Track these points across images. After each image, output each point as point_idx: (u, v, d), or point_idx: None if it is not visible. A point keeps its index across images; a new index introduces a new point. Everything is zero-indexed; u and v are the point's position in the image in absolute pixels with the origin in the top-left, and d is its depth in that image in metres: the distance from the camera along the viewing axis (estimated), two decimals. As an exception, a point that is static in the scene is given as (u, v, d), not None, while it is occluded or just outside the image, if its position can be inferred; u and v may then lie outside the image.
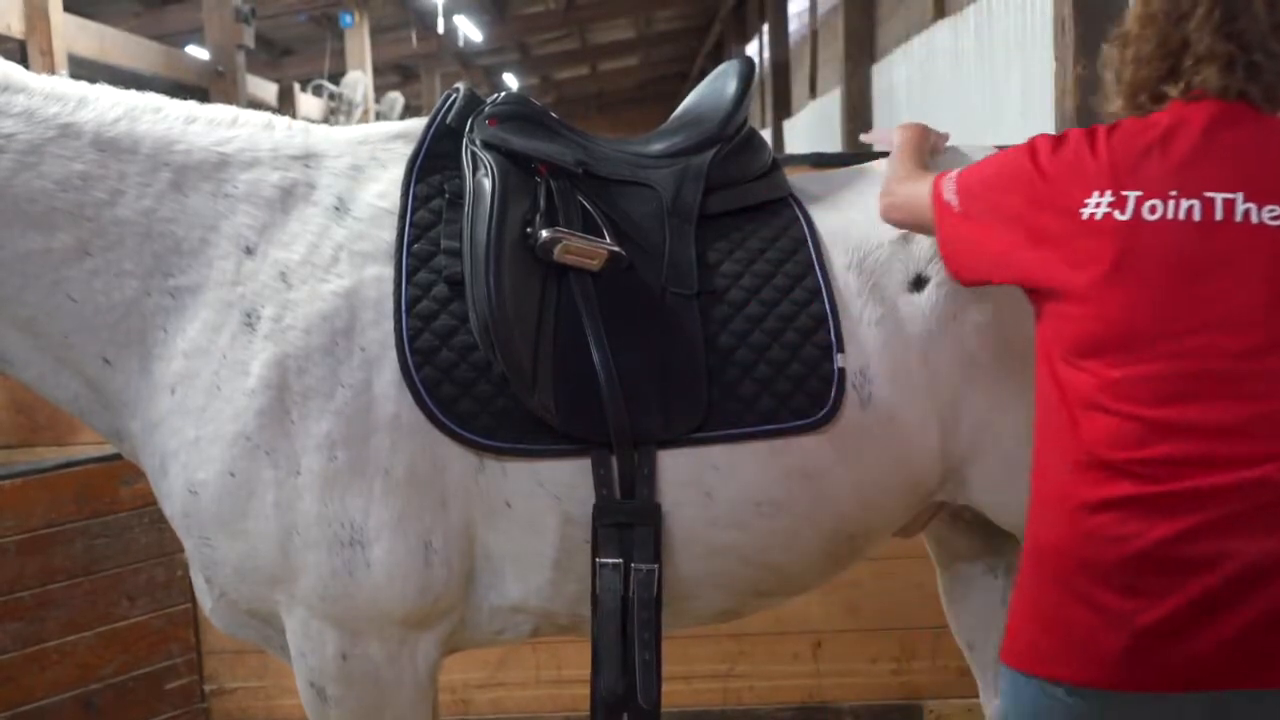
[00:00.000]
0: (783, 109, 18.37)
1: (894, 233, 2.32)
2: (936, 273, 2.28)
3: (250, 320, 2.12)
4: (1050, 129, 4.12)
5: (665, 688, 2.18)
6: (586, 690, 2.18)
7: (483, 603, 2.22)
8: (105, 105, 2.19)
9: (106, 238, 2.13)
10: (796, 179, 2.52)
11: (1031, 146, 1.91)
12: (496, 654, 3.80)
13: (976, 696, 2.94)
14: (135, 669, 3.71)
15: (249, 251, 2.16)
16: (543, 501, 2.15)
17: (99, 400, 2.21)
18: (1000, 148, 2.79)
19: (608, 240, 2.20)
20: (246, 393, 2.09)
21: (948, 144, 2.51)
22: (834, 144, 11.54)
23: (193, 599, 3.60)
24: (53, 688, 3.55)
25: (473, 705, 3.88)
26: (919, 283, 2.29)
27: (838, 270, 2.30)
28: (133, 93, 2.26)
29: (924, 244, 2.31)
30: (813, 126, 14.93)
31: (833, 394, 2.20)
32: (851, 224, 2.36)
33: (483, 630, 2.26)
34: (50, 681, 3.54)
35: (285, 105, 13.37)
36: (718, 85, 2.47)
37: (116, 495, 3.66)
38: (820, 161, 3.59)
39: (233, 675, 3.91)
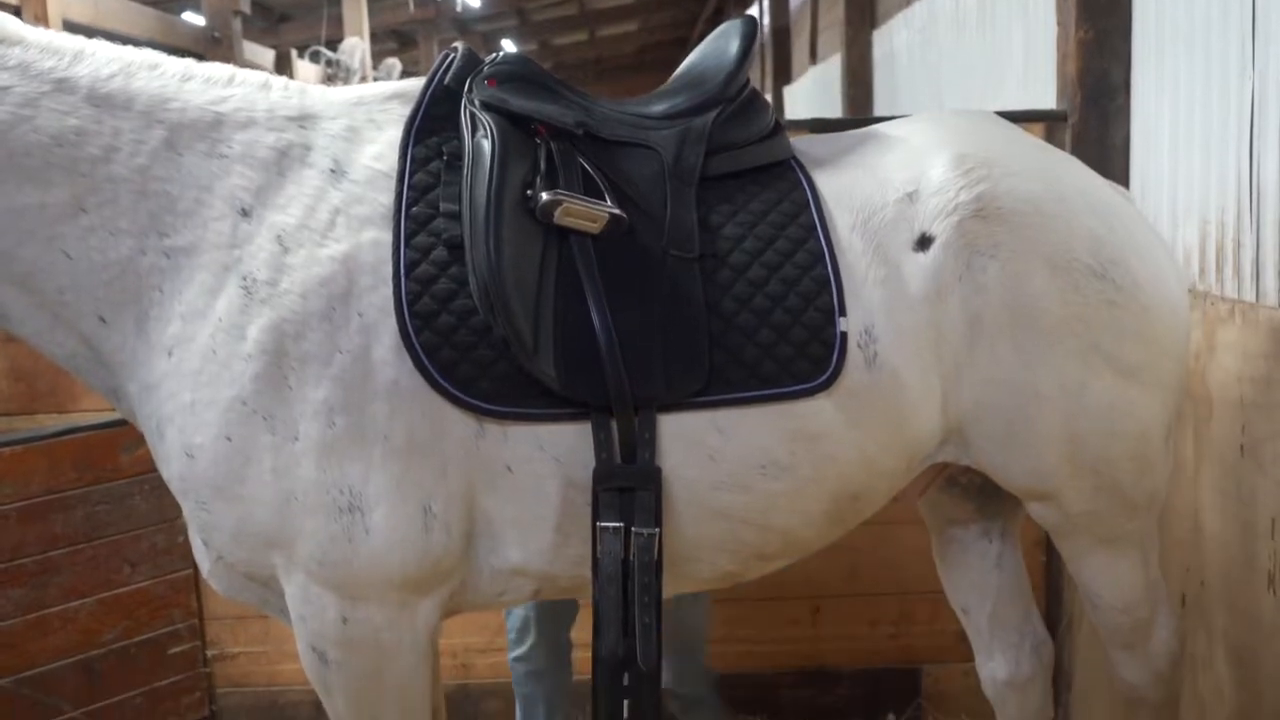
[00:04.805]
0: (783, 75, 18.24)
1: (899, 193, 2.32)
2: (942, 232, 2.28)
3: (247, 284, 2.11)
4: (1052, 95, 4.09)
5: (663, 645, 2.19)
6: (589, 654, 2.19)
7: (484, 566, 2.22)
8: (101, 60, 2.17)
9: (101, 195, 2.11)
10: (800, 141, 2.50)
11: None
12: (498, 618, 3.81)
13: (974, 660, 2.95)
14: (137, 634, 3.73)
15: (245, 214, 2.14)
16: (544, 466, 2.15)
17: (96, 359, 2.20)
18: (1002, 114, 2.78)
19: (608, 203, 2.19)
20: (243, 358, 2.08)
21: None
22: (835, 110, 11.46)
23: (194, 565, 3.61)
24: (56, 653, 3.56)
25: (474, 670, 3.90)
26: (924, 242, 2.29)
27: (841, 232, 2.29)
28: (130, 48, 2.23)
29: (929, 203, 2.30)
30: (813, 93, 14.83)
31: (834, 358, 2.20)
32: (856, 184, 2.35)
33: (483, 593, 2.27)
34: (53, 647, 3.56)
35: (282, 72, 13.27)
36: (719, 45, 2.44)
37: (117, 462, 3.66)
38: (820, 126, 3.56)
39: (235, 640, 3.92)
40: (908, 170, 2.35)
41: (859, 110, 9.97)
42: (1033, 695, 2.86)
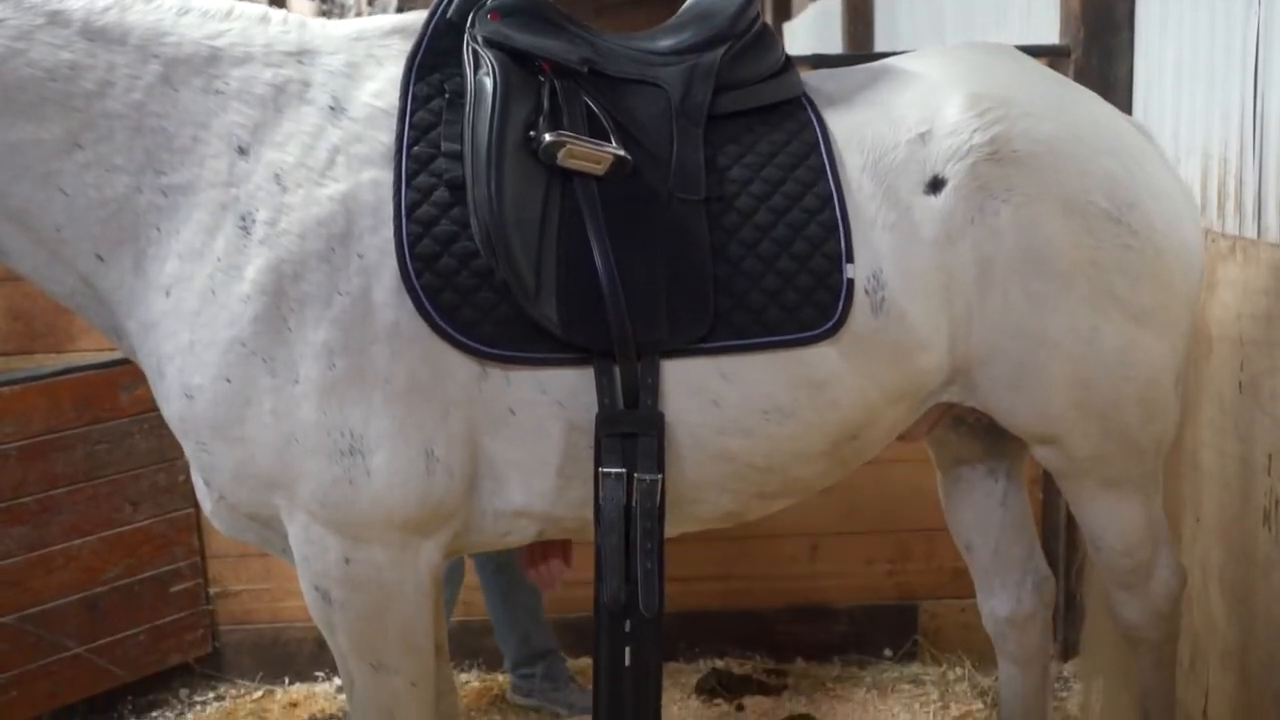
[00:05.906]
0: (783, 12, 18.03)
1: (911, 133, 2.28)
2: (954, 175, 2.25)
3: (245, 223, 2.08)
4: (1055, 27, 4.04)
5: (665, 590, 2.20)
6: (591, 593, 2.20)
7: (487, 508, 2.22)
8: None
9: (96, 130, 2.08)
10: (811, 77, 2.46)
11: None
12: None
13: (970, 597, 2.98)
14: (140, 572, 3.76)
15: (242, 151, 2.11)
16: (547, 409, 2.14)
17: (95, 297, 2.19)
18: (1020, 48, 2.74)
19: (613, 144, 2.15)
20: (241, 298, 2.07)
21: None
22: (835, 47, 11.34)
23: (195, 504, 3.63)
24: (59, 590, 3.60)
25: (476, 608, 3.92)
26: (935, 185, 2.25)
27: (851, 173, 2.26)
28: None
29: (942, 145, 2.26)
30: (814, 30, 14.66)
31: (840, 306, 2.18)
32: (867, 124, 2.31)
33: (487, 534, 2.27)
34: (56, 584, 3.59)
35: (275, 6, 13.10)
36: None
37: (116, 401, 3.67)
38: (820, 63, 3.52)
39: (237, 578, 3.95)
40: (921, 109, 2.31)
41: (860, 46, 9.84)
42: (1032, 632, 2.89)
